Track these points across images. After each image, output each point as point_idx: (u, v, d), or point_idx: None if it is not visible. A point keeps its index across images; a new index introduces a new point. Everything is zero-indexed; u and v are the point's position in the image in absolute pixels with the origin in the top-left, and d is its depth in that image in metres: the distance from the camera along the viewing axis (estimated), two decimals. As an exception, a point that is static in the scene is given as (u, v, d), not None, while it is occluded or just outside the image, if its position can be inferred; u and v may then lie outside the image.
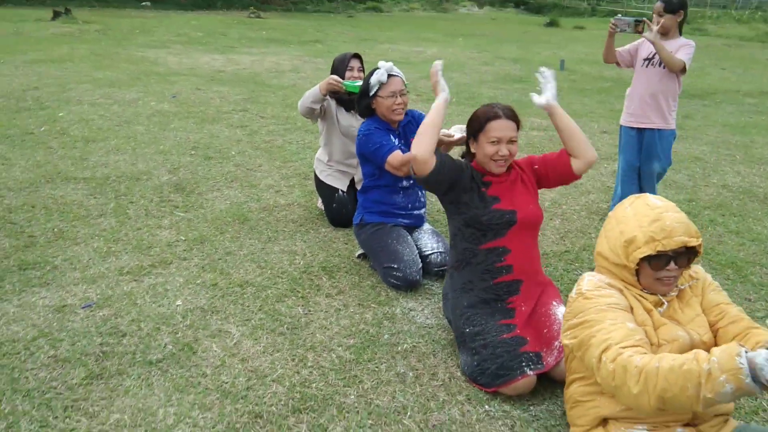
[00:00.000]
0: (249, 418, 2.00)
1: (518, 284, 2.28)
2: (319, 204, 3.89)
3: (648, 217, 1.64)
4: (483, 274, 2.29)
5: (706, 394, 1.34)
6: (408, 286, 2.86)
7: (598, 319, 1.61)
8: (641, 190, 3.77)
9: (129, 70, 9.01)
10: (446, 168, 2.31)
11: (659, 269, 1.63)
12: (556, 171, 2.38)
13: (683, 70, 3.48)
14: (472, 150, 2.42)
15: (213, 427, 1.95)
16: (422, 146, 2.27)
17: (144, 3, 23.13)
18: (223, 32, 15.58)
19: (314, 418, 2.01)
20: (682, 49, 3.49)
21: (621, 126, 3.83)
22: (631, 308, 1.66)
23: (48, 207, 3.79)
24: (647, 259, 1.64)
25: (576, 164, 2.34)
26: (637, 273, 1.68)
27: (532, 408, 2.09)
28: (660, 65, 3.51)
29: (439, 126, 2.37)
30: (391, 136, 2.98)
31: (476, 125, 2.37)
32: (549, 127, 6.41)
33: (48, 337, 2.42)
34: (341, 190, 3.60)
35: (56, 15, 15.86)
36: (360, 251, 3.22)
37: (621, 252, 1.67)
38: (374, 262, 3.02)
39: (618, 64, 3.79)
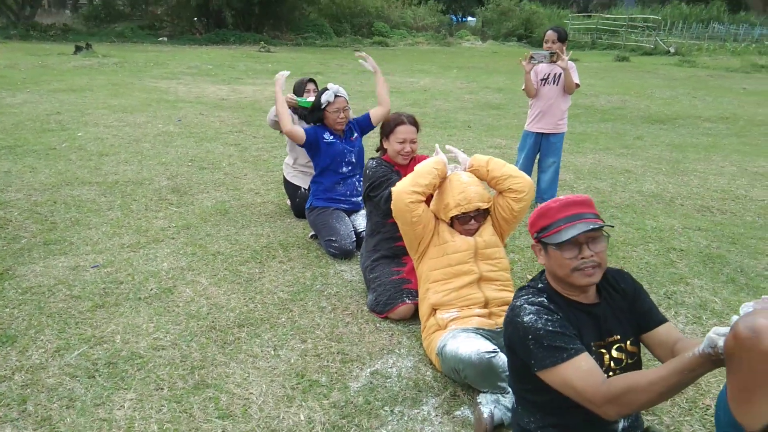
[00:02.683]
0: (206, 329, 2.82)
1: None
2: (288, 201, 4.73)
3: (457, 190, 2.48)
4: (387, 241, 3.11)
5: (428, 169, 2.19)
6: (343, 255, 3.68)
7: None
8: (539, 182, 4.84)
9: (141, 98, 10.03)
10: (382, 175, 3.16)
11: (465, 224, 2.46)
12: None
13: (577, 86, 4.51)
14: (385, 147, 3.26)
15: (179, 334, 2.77)
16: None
17: (161, 39, 24.52)
18: (232, 65, 16.71)
19: (252, 329, 2.83)
20: (572, 70, 4.47)
21: (524, 131, 4.81)
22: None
23: (67, 203, 4.67)
24: (456, 217, 2.47)
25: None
26: (453, 225, 2.52)
27: (407, 329, 2.89)
28: (554, 83, 4.47)
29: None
30: (326, 134, 3.86)
31: (387, 128, 3.21)
32: (505, 146, 7.26)
33: (65, 284, 3.27)
34: (303, 188, 4.44)
35: (78, 49, 17.11)
36: (312, 233, 4.05)
37: (441, 212, 2.51)
38: (319, 237, 3.86)
39: (534, 93, 4.70)
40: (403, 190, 2.59)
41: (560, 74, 4.52)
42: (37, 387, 2.37)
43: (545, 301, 1.71)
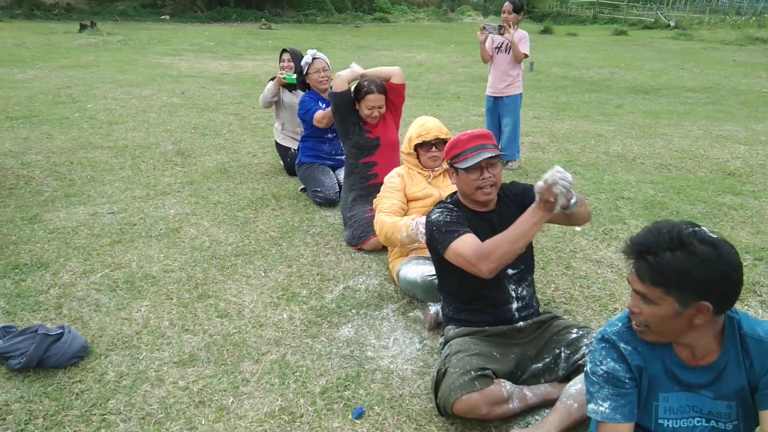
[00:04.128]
0: (208, 257, 3.35)
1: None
2: (282, 162, 5.23)
3: (418, 124, 2.97)
4: (360, 180, 3.63)
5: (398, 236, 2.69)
6: (328, 203, 4.19)
7: (381, 194, 2.98)
8: (500, 141, 5.36)
9: (146, 74, 10.50)
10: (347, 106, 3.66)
11: (428, 151, 2.95)
12: (392, 92, 3.68)
13: (525, 57, 5.07)
14: (357, 109, 3.73)
15: (185, 261, 3.30)
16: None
17: (163, 17, 24.85)
18: (233, 42, 17.11)
19: (246, 258, 3.36)
20: (522, 41, 5.04)
21: (487, 95, 5.42)
22: (405, 187, 3.00)
23: (82, 163, 5.18)
24: (419, 146, 2.97)
25: (395, 80, 3.65)
26: (418, 157, 3.01)
27: (377, 257, 3.40)
28: (506, 52, 5.06)
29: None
30: (320, 102, 4.32)
31: (359, 94, 3.67)
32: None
33: (86, 226, 3.79)
34: (293, 149, 4.94)
35: (83, 27, 17.53)
36: (302, 186, 4.55)
37: (406, 144, 3.00)
38: (307, 189, 4.37)
39: (489, 60, 5.31)
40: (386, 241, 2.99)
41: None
42: (69, 298, 2.90)
43: (451, 206, 2.25)
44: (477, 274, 2.04)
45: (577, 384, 2.04)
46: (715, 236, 1.44)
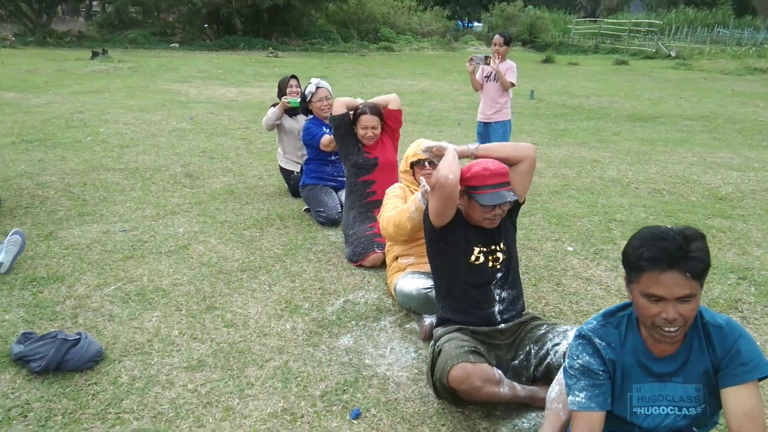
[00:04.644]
0: (215, 272, 3.53)
1: (380, 203, 3.77)
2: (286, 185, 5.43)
3: (414, 145, 3.18)
4: (359, 198, 3.82)
5: (406, 216, 2.85)
6: (330, 223, 4.37)
7: (385, 204, 3.14)
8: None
9: (155, 99, 10.79)
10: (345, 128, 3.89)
11: (422, 169, 3.14)
12: (389, 116, 3.92)
13: (512, 86, 5.47)
14: (354, 130, 3.93)
15: (194, 275, 3.47)
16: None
17: (172, 45, 25.40)
18: (241, 69, 17.50)
19: (252, 273, 3.53)
20: (509, 71, 5.46)
21: (478, 121, 5.80)
22: (406, 197, 3.18)
23: (95, 184, 5.39)
24: (415, 164, 3.16)
25: (392, 105, 3.90)
26: (414, 174, 3.21)
27: (376, 273, 3.56)
28: (495, 80, 5.48)
29: None
30: (323, 127, 4.53)
31: (354, 117, 3.91)
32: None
33: (99, 242, 3.97)
34: (295, 171, 5.14)
35: (95, 55, 17.98)
36: (306, 207, 4.73)
37: (403, 163, 3.21)
38: (310, 209, 4.55)
39: (480, 88, 5.70)
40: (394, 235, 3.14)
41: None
42: (84, 308, 3.07)
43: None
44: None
45: (555, 387, 2.18)
46: None
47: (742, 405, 1.58)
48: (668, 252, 1.54)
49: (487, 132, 5.72)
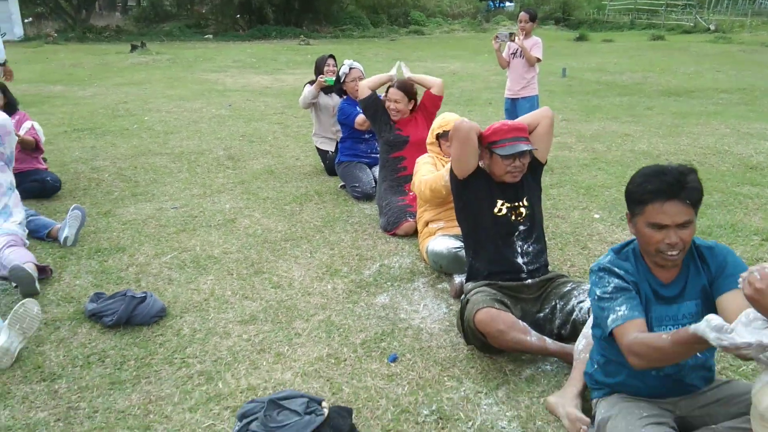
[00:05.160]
0: (260, 242, 3.81)
1: (410, 178, 3.99)
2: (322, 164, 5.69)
3: (440, 118, 3.39)
4: (391, 172, 4.05)
5: (441, 183, 3.08)
6: (365, 197, 4.61)
7: (418, 169, 3.35)
8: None
9: (194, 89, 11.18)
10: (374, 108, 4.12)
11: (447, 140, 3.34)
12: (428, 99, 4.12)
13: (538, 61, 5.58)
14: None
15: (241, 245, 3.77)
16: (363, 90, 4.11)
17: (207, 36, 25.93)
18: (274, 58, 17.83)
19: (294, 242, 3.80)
20: (535, 46, 5.59)
21: (505, 98, 5.94)
22: (435, 164, 3.39)
23: (145, 168, 5.74)
24: (440, 136, 3.37)
25: (434, 90, 4.10)
26: (440, 146, 3.41)
27: (409, 241, 3.79)
28: (521, 57, 5.61)
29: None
30: (357, 107, 4.76)
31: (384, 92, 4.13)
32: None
33: (154, 218, 4.30)
34: (330, 151, 5.39)
35: (134, 48, 18.54)
36: (341, 183, 4.98)
37: (430, 136, 3.42)
38: (346, 185, 4.80)
39: (507, 66, 5.85)
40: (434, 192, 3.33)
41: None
42: (146, 274, 3.39)
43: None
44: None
45: (581, 340, 2.36)
46: None
47: (736, 306, 1.74)
48: (669, 184, 1.75)
49: (514, 108, 5.83)
